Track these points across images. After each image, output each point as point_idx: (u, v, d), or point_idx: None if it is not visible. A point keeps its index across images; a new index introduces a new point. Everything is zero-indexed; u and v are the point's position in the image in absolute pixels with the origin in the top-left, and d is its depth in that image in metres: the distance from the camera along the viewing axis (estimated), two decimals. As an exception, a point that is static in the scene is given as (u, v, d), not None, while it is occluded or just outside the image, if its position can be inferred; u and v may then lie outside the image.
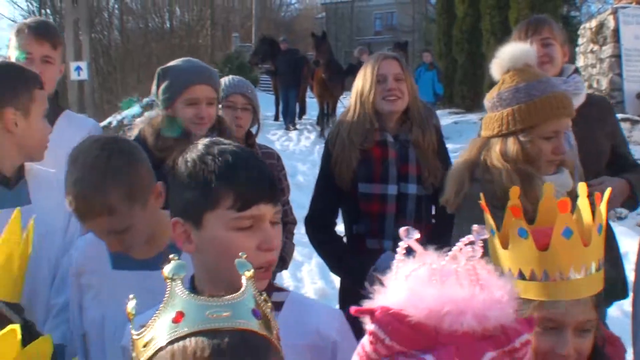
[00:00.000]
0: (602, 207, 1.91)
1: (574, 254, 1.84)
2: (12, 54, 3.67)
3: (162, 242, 2.45)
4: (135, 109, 20.38)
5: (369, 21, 54.80)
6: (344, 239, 3.93)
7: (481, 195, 2.09)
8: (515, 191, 2.02)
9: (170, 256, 1.45)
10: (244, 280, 1.43)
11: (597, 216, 1.90)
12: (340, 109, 18.01)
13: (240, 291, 1.41)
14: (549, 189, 2.07)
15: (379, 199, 3.68)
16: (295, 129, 19.44)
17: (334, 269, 3.95)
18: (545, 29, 3.81)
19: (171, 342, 1.35)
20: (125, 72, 38.16)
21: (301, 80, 19.65)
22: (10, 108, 2.82)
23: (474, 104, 20.12)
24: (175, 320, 1.36)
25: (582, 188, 2.00)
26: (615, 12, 14.15)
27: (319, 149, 16.48)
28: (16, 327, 1.64)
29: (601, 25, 14.44)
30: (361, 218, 3.74)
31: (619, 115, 8.02)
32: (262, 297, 1.46)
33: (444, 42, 22.83)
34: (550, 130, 2.85)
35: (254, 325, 1.38)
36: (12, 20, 45.97)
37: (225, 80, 4.26)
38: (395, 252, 3.12)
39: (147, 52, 39.20)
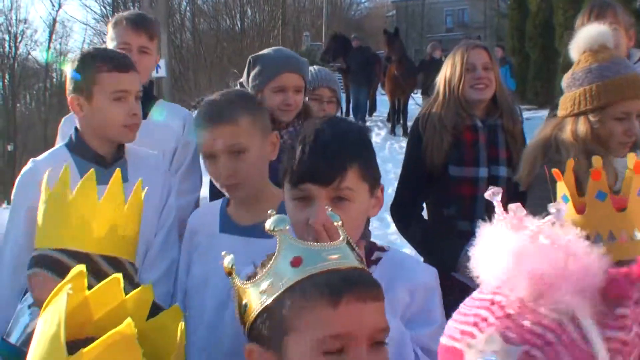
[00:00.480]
0: None
1: None
2: (109, 46, 3.77)
3: (265, 212, 2.61)
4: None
5: (440, 18, 54.43)
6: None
7: (553, 170, 2.18)
8: (569, 163, 2.12)
9: (269, 211, 1.62)
10: (340, 231, 1.62)
11: None
12: (411, 106, 18.00)
13: (341, 238, 1.59)
14: (598, 162, 2.14)
15: (470, 182, 3.77)
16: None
17: (424, 252, 3.99)
18: (609, 13, 3.85)
19: (298, 283, 1.51)
20: (197, 72, 38.70)
21: (373, 78, 19.66)
22: (73, 95, 3.00)
23: (547, 99, 19.85)
24: (295, 264, 1.53)
25: (630, 158, 2.08)
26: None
27: (390, 145, 16.52)
28: (119, 276, 1.79)
29: (676, 19, 14.21)
30: (452, 201, 3.82)
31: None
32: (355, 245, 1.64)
33: (517, 37, 22.59)
34: (621, 111, 2.89)
35: (359, 265, 1.58)
36: (85, 24, 46.96)
37: (311, 71, 4.31)
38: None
39: (219, 52, 39.72)
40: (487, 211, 3.71)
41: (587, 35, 3.04)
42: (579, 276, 1.12)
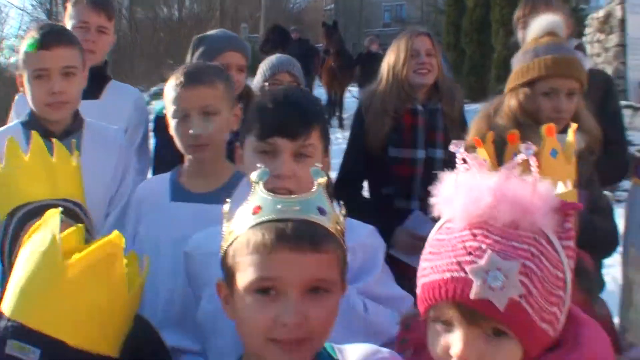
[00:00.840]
0: (570, 136, 2.38)
1: (561, 170, 2.23)
2: (67, 24, 3.84)
3: (219, 181, 2.76)
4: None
5: (378, 13, 54.75)
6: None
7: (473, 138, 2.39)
8: (489, 136, 2.35)
9: (258, 164, 1.79)
10: (315, 184, 1.74)
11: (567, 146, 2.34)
12: (349, 99, 18.17)
13: (311, 191, 1.73)
14: (513, 131, 2.38)
15: (408, 163, 3.97)
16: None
17: None
18: (541, 6, 4.08)
19: (250, 227, 1.67)
20: (133, 62, 38.28)
21: (311, 70, 19.73)
22: (17, 73, 3.14)
23: (480, 94, 20.16)
24: (254, 212, 1.68)
25: (544, 128, 2.32)
26: (623, 2, 14.49)
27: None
28: (81, 226, 1.93)
29: (608, 15, 14.77)
30: (391, 180, 4.01)
31: (622, 103, 8.23)
32: (332, 202, 1.78)
33: (453, 33, 22.89)
34: (548, 86, 3.11)
35: (317, 218, 1.70)
36: (22, 10, 45.97)
37: (271, 58, 4.49)
38: (423, 211, 3.42)
39: (155, 42, 39.35)
40: (424, 191, 3.90)
41: (539, 24, 3.26)
42: (543, 203, 1.43)
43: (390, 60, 4.09)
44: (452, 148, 1.56)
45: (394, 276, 2.57)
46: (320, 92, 20.34)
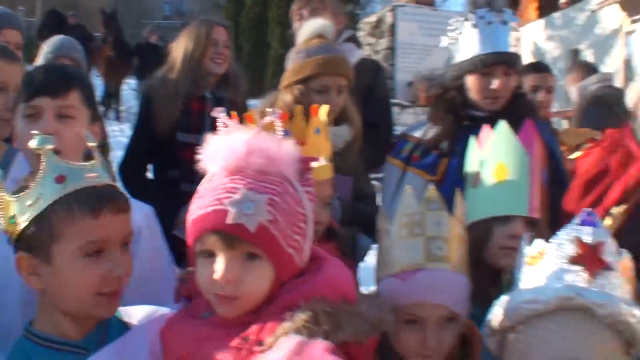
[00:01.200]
0: (322, 115, 2.70)
1: (322, 146, 2.59)
2: None
3: None
4: None
5: (158, 4, 54.05)
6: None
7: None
8: (298, 110, 2.71)
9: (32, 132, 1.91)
10: (94, 150, 1.95)
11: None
12: (126, 91, 17.97)
13: (95, 160, 1.93)
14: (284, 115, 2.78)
15: (194, 148, 4.10)
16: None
17: None
18: (314, 1, 4.47)
19: (63, 198, 1.83)
20: None
21: (88, 58, 19.14)
22: None
23: (258, 90, 20.54)
24: (58, 181, 1.82)
25: (310, 109, 2.72)
26: (393, 9, 15.60)
27: (103, 127, 16.35)
28: None
29: (380, 21, 15.81)
30: (177, 164, 4.17)
31: (391, 101, 8.84)
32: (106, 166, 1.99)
33: (231, 29, 23.10)
34: (320, 84, 3.46)
35: (112, 181, 1.95)
36: None
37: (55, 40, 4.55)
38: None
39: None
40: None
41: (310, 27, 3.60)
42: (288, 155, 1.77)
43: (187, 46, 4.28)
44: (214, 114, 1.91)
45: (177, 254, 2.71)
46: (97, 83, 19.94)
